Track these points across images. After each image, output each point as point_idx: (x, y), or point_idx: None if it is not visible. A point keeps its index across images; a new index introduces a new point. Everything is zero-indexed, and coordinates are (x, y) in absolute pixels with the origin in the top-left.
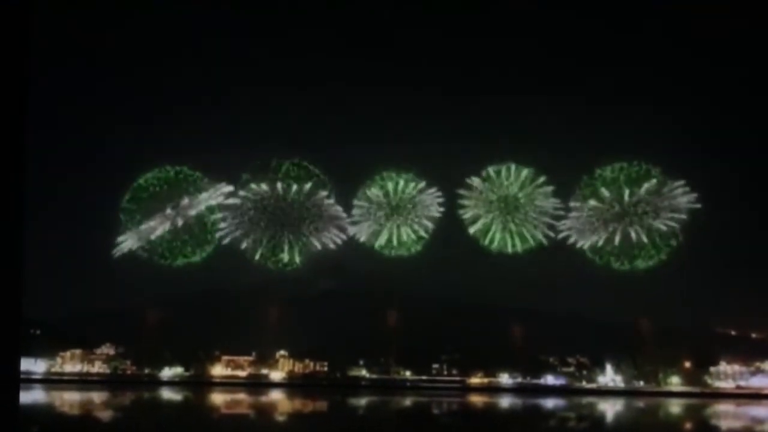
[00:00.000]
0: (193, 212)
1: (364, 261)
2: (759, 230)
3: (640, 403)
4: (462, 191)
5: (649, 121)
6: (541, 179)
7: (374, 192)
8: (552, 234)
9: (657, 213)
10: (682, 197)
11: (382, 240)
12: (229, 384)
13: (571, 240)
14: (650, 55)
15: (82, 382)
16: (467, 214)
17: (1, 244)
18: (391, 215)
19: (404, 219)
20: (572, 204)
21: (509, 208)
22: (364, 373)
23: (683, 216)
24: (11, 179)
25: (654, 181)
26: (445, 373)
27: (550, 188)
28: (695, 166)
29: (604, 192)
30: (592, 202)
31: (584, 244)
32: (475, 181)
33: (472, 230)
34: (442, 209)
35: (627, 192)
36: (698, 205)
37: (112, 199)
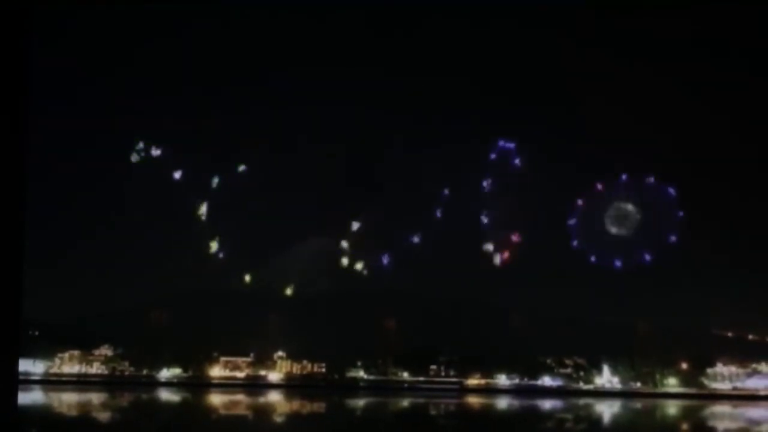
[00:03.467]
0: None
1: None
2: (755, 232)
3: (637, 405)
4: None
5: (641, 124)
6: None
7: None
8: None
9: None
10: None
11: None
12: (227, 385)
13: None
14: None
15: (80, 383)
16: None
17: (1, 246)
18: None
19: None
20: None
21: None
22: (361, 374)
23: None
24: (12, 180)
25: None
26: (443, 374)
27: None
28: (693, 168)
29: None
30: None
31: None
32: None
33: None
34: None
35: None
36: None
37: (112, 199)
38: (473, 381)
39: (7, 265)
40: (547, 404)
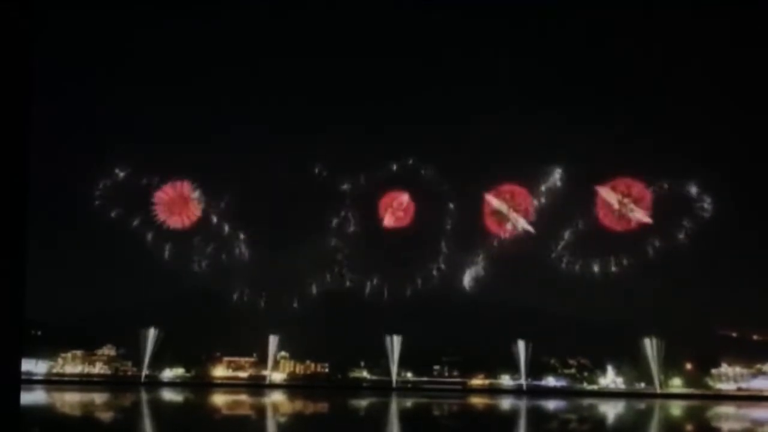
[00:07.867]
0: None
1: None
2: (760, 232)
3: (642, 405)
4: None
5: (642, 124)
6: None
7: None
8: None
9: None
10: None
11: None
12: (230, 385)
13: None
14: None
15: (82, 383)
16: None
17: (2, 246)
18: None
19: None
20: None
21: None
22: (365, 374)
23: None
24: (13, 181)
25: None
26: (446, 374)
27: None
28: (694, 168)
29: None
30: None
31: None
32: None
33: None
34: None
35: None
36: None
37: (113, 199)
38: (477, 381)
39: (8, 266)
40: (550, 405)
